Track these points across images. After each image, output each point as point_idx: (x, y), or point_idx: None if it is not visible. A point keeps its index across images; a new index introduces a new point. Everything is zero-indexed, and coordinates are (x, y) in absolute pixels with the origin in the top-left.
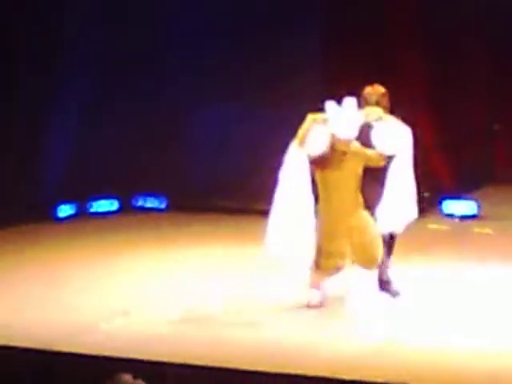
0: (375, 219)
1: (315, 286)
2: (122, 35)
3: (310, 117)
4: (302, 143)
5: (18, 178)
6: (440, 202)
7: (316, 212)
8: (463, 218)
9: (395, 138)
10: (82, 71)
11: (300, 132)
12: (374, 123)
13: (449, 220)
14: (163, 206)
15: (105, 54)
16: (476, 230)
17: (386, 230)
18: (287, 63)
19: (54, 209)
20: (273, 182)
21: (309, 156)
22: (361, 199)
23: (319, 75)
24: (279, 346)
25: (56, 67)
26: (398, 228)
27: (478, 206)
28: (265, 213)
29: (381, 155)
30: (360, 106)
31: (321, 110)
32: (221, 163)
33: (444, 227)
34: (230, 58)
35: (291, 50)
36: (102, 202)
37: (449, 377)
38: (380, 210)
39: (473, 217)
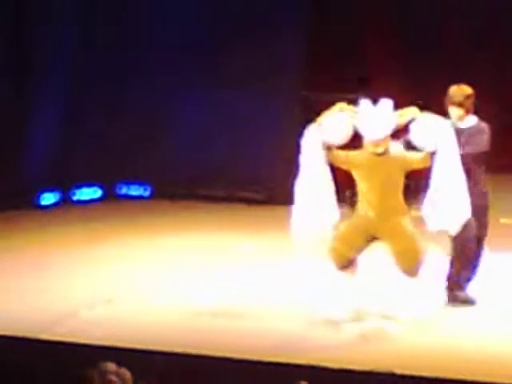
0: (425, 219)
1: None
2: (104, 21)
3: (338, 105)
4: (318, 125)
5: (1, 166)
6: (425, 190)
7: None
8: None
9: (434, 133)
10: (64, 60)
11: (321, 116)
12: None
13: None
14: (147, 193)
15: (88, 43)
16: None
17: (438, 230)
18: (273, 52)
19: (38, 196)
20: (257, 170)
21: (325, 142)
22: (403, 205)
23: (304, 65)
24: (264, 335)
25: (38, 56)
26: (452, 228)
27: None
28: (249, 200)
29: (423, 155)
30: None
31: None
32: (205, 151)
33: None
34: (215, 46)
35: (278, 38)
36: (86, 189)
37: (435, 364)
38: (430, 209)
39: None
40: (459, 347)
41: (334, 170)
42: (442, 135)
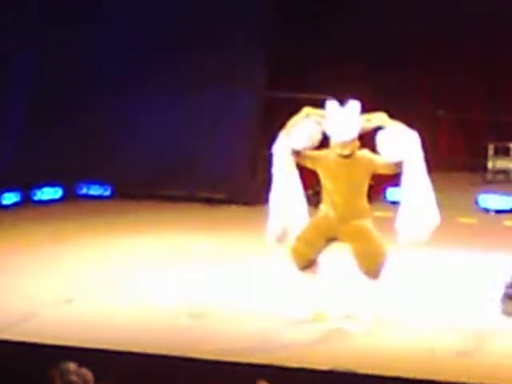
0: (397, 230)
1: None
2: (67, 22)
3: (305, 110)
4: (287, 133)
5: None
6: (384, 190)
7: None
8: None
9: (400, 144)
10: (25, 60)
11: (289, 123)
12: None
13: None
14: (107, 193)
15: (50, 44)
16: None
17: (409, 241)
18: (234, 52)
19: None
20: (218, 170)
21: (293, 148)
22: (367, 207)
23: (266, 65)
24: (224, 335)
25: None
26: (421, 238)
27: None
28: (209, 200)
29: (389, 163)
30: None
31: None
32: (166, 151)
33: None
34: (177, 47)
35: (239, 39)
36: (47, 189)
37: (396, 363)
38: (400, 220)
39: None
40: (420, 347)
41: (300, 169)
42: (408, 147)
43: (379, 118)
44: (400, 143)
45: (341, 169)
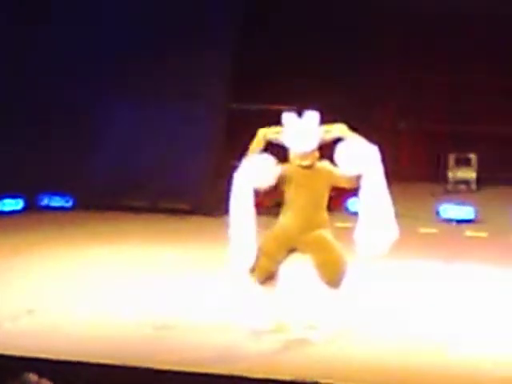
0: (356, 243)
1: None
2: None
3: (261, 132)
4: (246, 172)
5: None
6: (345, 201)
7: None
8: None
9: (360, 158)
10: None
11: (249, 151)
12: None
13: None
14: (69, 204)
15: (8, 53)
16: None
17: (367, 253)
18: (199, 65)
19: None
20: (181, 181)
21: (256, 188)
22: (326, 218)
23: (227, 74)
24: (186, 346)
25: None
26: (380, 251)
27: None
28: (173, 211)
29: (348, 176)
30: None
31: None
32: (129, 162)
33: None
34: (139, 58)
35: (203, 52)
36: (8, 200)
37: (358, 373)
38: (358, 233)
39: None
40: (382, 357)
41: None
42: (367, 160)
43: (339, 129)
44: (359, 156)
45: (301, 179)
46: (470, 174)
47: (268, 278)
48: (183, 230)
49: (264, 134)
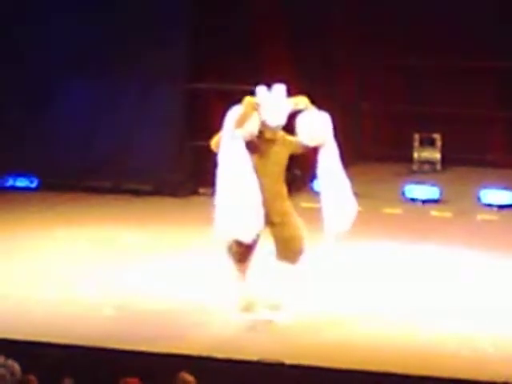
0: (322, 221)
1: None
2: None
3: (249, 100)
4: (241, 126)
5: None
6: (311, 180)
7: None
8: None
9: (320, 129)
10: None
11: (240, 115)
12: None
13: None
14: (34, 185)
15: None
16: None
17: (336, 230)
18: (158, 44)
19: None
20: (143, 161)
21: (245, 139)
22: (285, 189)
23: (188, 52)
24: (150, 326)
25: None
26: (346, 225)
27: None
28: (135, 192)
29: (306, 145)
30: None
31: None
32: (91, 143)
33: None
34: (101, 37)
35: (162, 30)
36: None
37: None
38: (324, 211)
39: None
40: (347, 337)
41: None
42: (326, 132)
43: (303, 101)
44: (319, 128)
45: (266, 151)
46: (435, 154)
47: (244, 257)
48: (146, 210)
49: (250, 101)
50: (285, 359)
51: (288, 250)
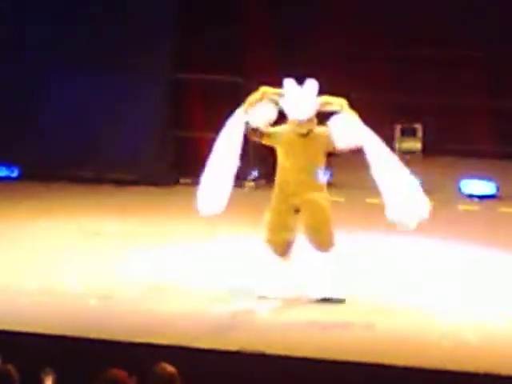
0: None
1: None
2: None
3: (262, 89)
4: (245, 111)
5: None
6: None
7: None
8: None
9: (349, 133)
10: None
11: (248, 101)
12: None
13: None
14: (14, 174)
15: None
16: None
17: (404, 229)
18: (145, 33)
19: None
20: (126, 151)
21: (248, 125)
22: (321, 183)
23: (172, 43)
24: (131, 316)
25: None
26: (412, 225)
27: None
28: (118, 181)
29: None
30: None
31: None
32: (74, 132)
33: None
34: (85, 26)
35: (149, 20)
36: None
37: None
38: (390, 210)
39: None
40: (329, 328)
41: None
42: (358, 137)
43: (340, 103)
44: (351, 133)
45: (297, 147)
46: (416, 144)
47: (287, 249)
48: (129, 200)
49: (264, 91)
50: (266, 349)
51: (318, 237)
